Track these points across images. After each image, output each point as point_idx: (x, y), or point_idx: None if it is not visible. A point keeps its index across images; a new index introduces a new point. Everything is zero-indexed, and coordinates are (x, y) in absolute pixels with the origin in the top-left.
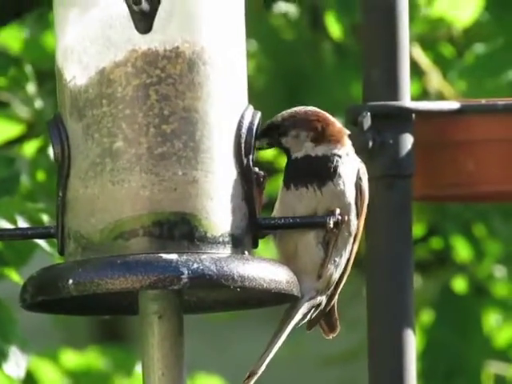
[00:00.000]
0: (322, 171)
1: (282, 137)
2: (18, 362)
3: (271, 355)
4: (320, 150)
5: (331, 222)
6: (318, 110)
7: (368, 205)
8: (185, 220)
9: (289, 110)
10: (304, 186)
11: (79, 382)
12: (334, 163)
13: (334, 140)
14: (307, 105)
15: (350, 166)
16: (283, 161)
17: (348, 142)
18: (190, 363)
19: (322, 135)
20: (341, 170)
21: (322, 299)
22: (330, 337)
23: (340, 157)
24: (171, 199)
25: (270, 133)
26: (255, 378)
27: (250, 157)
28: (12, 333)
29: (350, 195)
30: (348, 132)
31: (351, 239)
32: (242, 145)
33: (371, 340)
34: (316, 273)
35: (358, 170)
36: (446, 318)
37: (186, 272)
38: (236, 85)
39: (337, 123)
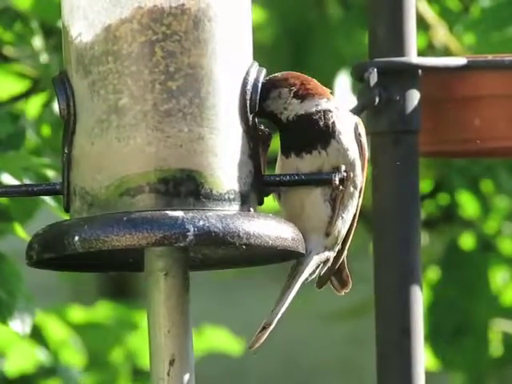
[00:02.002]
0: (320, 131)
1: (264, 101)
2: (23, 319)
3: (283, 310)
4: (308, 107)
5: (337, 179)
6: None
7: (374, 160)
8: (190, 177)
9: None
10: (307, 151)
11: (86, 337)
12: (331, 119)
13: (318, 94)
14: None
15: (347, 121)
16: None
17: (334, 97)
18: (197, 320)
19: (303, 89)
20: (339, 126)
21: (330, 254)
22: (343, 293)
23: (331, 111)
24: (177, 156)
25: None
26: (269, 330)
27: (255, 113)
28: (17, 288)
29: (354, 150)
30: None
31: (357, 194)
32: (248, 102)
33: (378, 297)
34: (324, 230)
35: (356, 125)
36: (452, 274)
37: (192, 229)
38: (241, 41)
39: (316, 82)
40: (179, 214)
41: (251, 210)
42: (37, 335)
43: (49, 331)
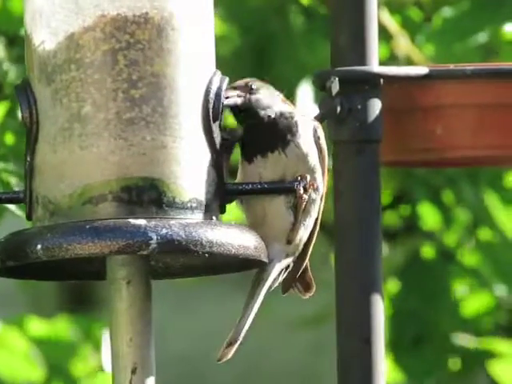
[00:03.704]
0: (284, 131)
1: (251, 94)
2: None
3: (249, 321)
4: (286, 106)
5: (301, 189)
6: None
7: (335, 170)
8: (153, 185)
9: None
10: (269, 150)
11: (46, 350)
12: (293, 119)
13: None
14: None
15: (307, 125)
16: None
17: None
18: (156, 328)
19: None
20: (300, 129)
21: (291, 260)
22: (307, 296)
23: (293, 112)
24: (140, 164)
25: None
26: (236, 346)
27: (218, 122)
28: None
29: (314, 156)
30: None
31: (318, 199)
32: (210, 110)
33: (339, 307)
34: (286, 237)
35: (315, 129)
36: (413, 285)
37: (155, 237)
38: (204, 50)
39: None
40: (142, 222)
41: (214, 218)
42: None
43: (8, 344)
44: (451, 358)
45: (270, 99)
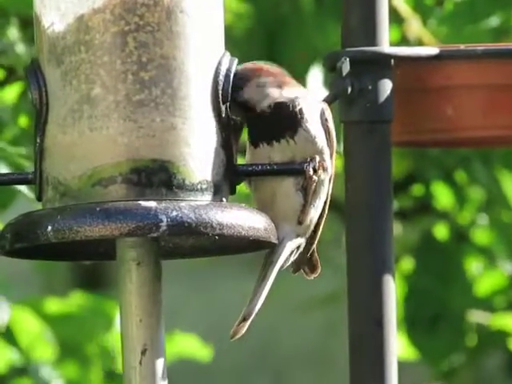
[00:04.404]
0: (288, 119)
1: (242, 89)
2: (1, 307)
3: (262, 300)
4: (286, 94)
5: (311, 170)
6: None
7: (346, 150)
8: (163, 167)
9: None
10: (276, 140)
11: (60, 329)
12: (298, 106)
13: (290, 83)
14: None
15: (314, 108)
16: None
17: (301, 86)
18: (172, 309)
19: (282, 78)
20: (306, 113)
21: (302, 241)
22: (312, 277)
23: (299, 99)
24: (149, 146)
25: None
26: (249, 321)
27: (227, 103)
28: None
29: (321, 138)
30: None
31: (327, 180)
32: (220, 92)
33: (350, 287)
34: (296, 219)
35: (323, 111)
36: (427, 265)
37: (165, 219)
38: (213, 32)
39: (283, 71)
40: (152, 204)
41: (223, 199)
42: (9, 333)
43: (22, 325)
44: (467, 336)
45: (266, 88)
